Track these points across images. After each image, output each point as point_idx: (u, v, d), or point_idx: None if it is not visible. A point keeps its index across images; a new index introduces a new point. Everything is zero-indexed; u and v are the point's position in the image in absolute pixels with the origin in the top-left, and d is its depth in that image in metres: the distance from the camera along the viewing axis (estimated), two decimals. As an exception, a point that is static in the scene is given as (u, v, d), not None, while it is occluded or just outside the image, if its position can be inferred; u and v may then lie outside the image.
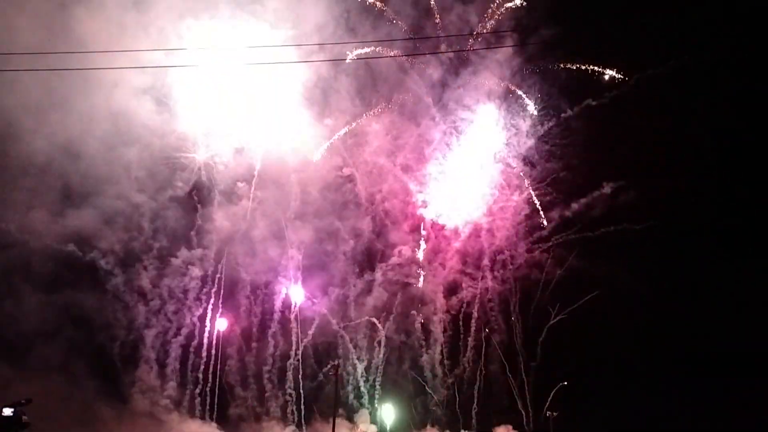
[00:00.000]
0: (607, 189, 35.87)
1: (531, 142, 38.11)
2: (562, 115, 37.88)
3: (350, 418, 35.63)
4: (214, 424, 32.81)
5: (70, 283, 31.07)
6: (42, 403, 22.63)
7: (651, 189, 36.13)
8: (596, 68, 36.42)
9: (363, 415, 36.16)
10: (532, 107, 37.50)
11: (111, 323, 32.36)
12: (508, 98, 38.53)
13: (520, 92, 37.59)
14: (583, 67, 36.83)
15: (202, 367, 33.97)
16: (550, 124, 38.10)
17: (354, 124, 36.39)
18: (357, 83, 37.54)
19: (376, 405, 35.93)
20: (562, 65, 37.25)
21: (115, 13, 30.65)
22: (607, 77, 37.21)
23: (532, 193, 37.39)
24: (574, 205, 36.76)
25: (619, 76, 36.39)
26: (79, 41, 28.28)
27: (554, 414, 35.95)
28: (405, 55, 35.02)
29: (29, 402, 20.37)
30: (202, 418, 33.04)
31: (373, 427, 35.88)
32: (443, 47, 37.16)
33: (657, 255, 35.94)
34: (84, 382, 29.58)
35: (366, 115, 36.46)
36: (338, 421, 32.13)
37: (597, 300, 36.81)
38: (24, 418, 20.01)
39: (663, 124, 37.26)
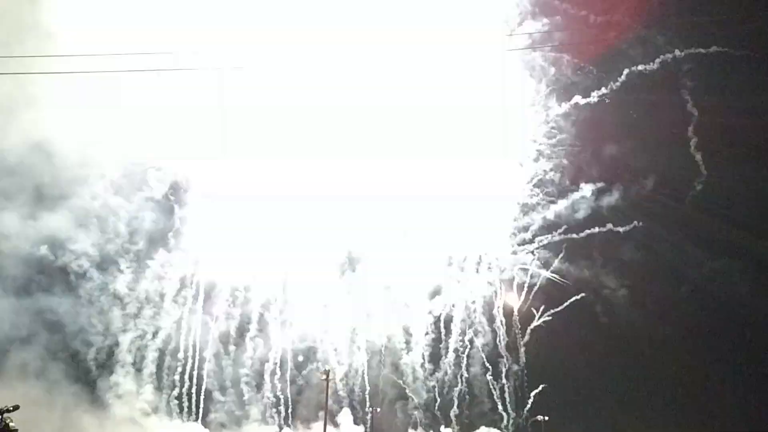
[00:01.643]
0: (586, 191, 38.58)
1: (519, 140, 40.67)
2: (550, 112, 40.54)
3: (333, 421, 38.33)
4: (196, 423, 35.29)
5: (43, 287, 33.23)
6: (21, 409, 24.83)
7: (635, 190, 39.31)
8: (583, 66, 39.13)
9: (345, 415, 38.83)
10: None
11: (86, 328, 34.54)
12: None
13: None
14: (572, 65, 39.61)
15: (180, 369, 36.54)
16: (539, 121, 40.79)
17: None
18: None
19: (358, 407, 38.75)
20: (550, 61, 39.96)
21: (87, 8, 32.30)
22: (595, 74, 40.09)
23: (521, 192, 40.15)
24: (559, 206, 39.52)
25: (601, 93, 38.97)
26: (52, 40, 30.08)
27: (545, 418, 38.94)
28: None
29: (16, 408, 22.58)
30: (181, 420, 35.54)
31: (360, 429, 38.73)
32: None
33: (641, 257, 39.12)
34: (62, 387, 31.80)
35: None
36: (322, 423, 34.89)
37: (582, 302, 40.03)
38: (11, 425, 22.25)
39: (651, 123, 40.26)
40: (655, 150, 39.54)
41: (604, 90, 39.68)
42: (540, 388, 39.32)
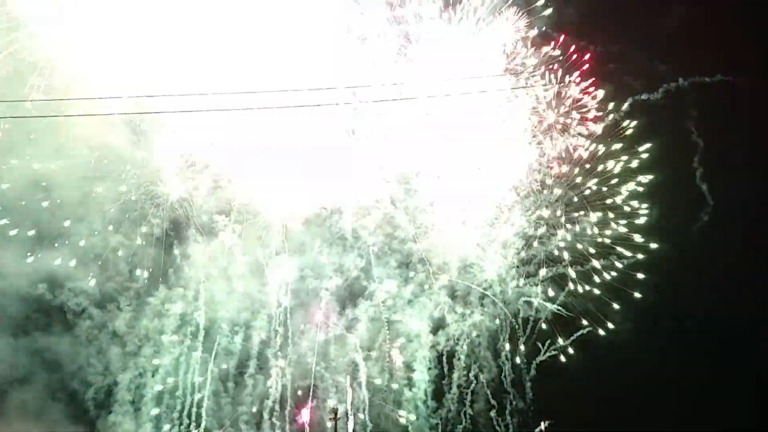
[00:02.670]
0: (590, 222, 40.33)
1: (523, 171, 42.46)
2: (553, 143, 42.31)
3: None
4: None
5: (41, 327, 34.88)
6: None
7: (640, 221, 40.97)
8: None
9: (348, 451, 40.14)
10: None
11: (84, 367, 36.23)
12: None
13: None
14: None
15: (179, 408, 37.94)
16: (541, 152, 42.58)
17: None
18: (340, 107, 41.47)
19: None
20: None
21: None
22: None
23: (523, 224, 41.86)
24: (563, 238, 41.19)
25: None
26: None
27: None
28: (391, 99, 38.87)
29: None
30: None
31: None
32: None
33: (647, 289, 40.69)
34: (62, 428, 33.29)
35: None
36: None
37: (588, 336, 41.54)
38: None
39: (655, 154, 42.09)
40: (659, 181, 41.47)
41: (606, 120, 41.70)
42: (545, 424, 40.68)
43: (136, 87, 31.69)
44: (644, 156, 40.83)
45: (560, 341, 41.05)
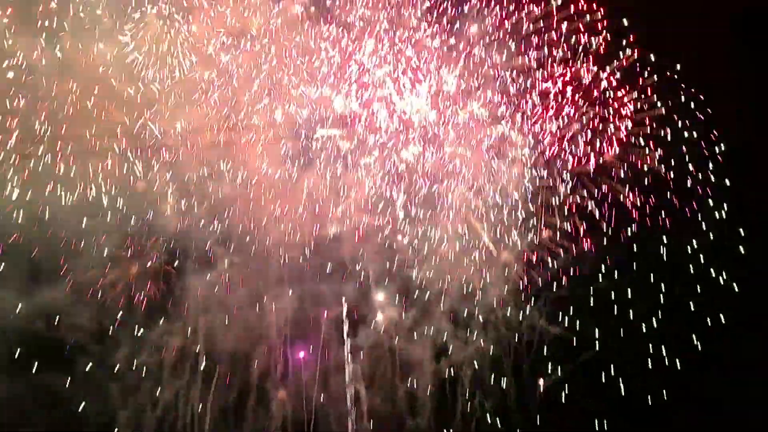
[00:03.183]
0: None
1: (523, 188, 42.88)
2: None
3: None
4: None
5: (40, 363, 35.09)
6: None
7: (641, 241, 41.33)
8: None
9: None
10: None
11: (84, 403, 36.17)
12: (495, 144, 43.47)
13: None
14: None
15: (179, 440, 38.26)
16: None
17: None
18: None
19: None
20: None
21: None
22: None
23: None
24: (564, 260, 41.50)
25: None
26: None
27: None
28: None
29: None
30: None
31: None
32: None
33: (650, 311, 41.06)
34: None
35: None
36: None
37: (593, 359, 41.87)
38: None
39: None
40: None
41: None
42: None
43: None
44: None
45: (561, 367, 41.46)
